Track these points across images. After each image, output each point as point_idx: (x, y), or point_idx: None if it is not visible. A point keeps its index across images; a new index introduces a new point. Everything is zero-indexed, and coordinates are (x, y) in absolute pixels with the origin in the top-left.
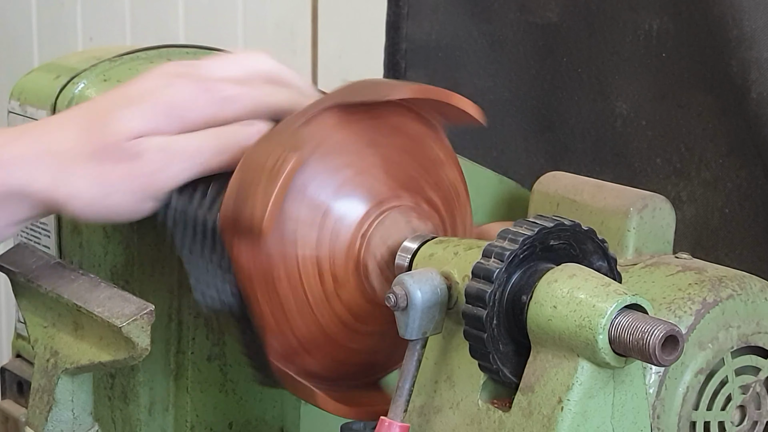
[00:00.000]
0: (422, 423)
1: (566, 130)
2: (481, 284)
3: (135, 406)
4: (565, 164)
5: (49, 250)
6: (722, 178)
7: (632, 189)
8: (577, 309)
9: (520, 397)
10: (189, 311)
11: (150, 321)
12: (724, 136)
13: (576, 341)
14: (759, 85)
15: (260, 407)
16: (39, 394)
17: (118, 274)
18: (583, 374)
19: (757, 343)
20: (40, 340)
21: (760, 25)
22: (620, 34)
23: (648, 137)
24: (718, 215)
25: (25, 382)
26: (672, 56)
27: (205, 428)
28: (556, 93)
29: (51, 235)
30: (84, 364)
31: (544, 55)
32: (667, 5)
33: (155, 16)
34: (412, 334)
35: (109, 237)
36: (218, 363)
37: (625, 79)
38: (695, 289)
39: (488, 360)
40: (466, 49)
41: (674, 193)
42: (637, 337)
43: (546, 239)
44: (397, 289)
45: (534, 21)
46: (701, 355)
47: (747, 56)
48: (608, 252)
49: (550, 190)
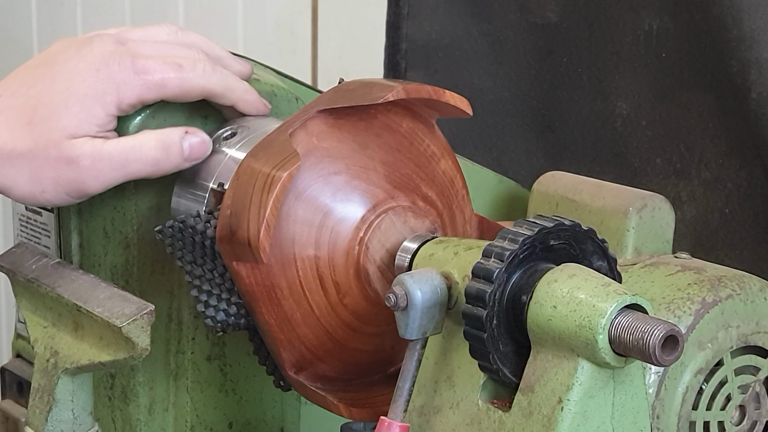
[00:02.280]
0: (422, 423)
1: (566, 130)
2: (481, 284)
3: (135, 406)
4: (565, 164)
5: (49, 250)
6: (722, 178)
7: (632, 189)
8: (577, 309)
9: (520, 397)
10: (189, 311)
11: (150, 321)
12: (724, 136)
13: (576, 341)
14: (759, 85)
15: (260, 407)
16: (39, 394)
17: (118, 274)
18: (583, 374)
19: (756, 342)
20: (40, 340)
21: (760, 25)
22: (620, 34)
23: (648, 137)
24: (718, 215)
25: (25, 382)
26: (672, 56)
27: (205, 428)
28: (556, 93)
29: (51, 235)
30: (84, 364)
31: (544, 55)
32: (667, 5)
33: (155, 16)
34: (412, 334)
35: (109, 237)
36: (218, 363)
37: (625, 79)
38: (695, 289)
39: (488, 360)
40: (466, 49)
41: (674, 193)
42: (637, 337)
43: (546, 239)
44: (397, 289)
45: (534, 21)
46: (701, 355)
47: (747, 56)
48: (608, 252)
49: (549, 190)
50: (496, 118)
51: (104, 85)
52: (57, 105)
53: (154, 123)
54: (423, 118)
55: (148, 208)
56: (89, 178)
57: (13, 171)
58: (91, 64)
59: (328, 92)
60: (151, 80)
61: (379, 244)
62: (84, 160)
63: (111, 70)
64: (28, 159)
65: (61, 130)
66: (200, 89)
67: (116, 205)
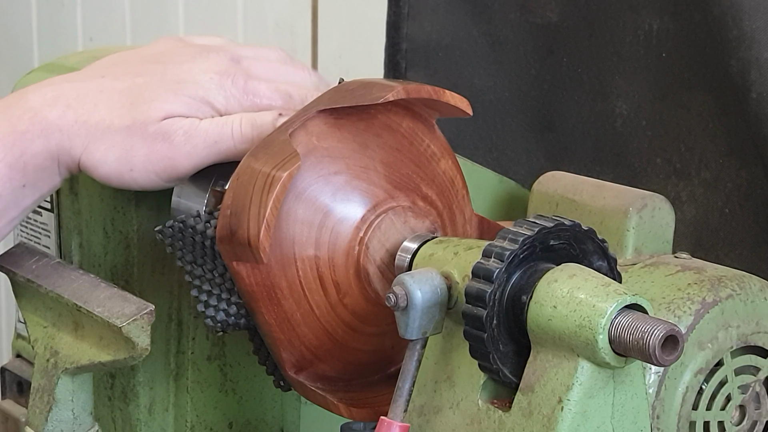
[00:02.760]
0: (422, 423)
1: (566, 130)
2: (481, 284)
3: (135, 406)
4: (565, 164)
5: (49, 250)
6: (722, 178)
7: (632, 189)
8: (577, 309)
9: (520, 397)
10: (189, 311)
11: (150, 321)
12: (724, 136)
13: (576, 341)
14: (759, 85)
15: (260, 407)
16: (39, 394)
17: (118, 274)
18: (583, 374)
19: (756, 342)
20: (40, 340)
21: (760, 25)
22: (620, 34)
23: (648, 137)
24: (718, 215)
25: (25, 382)
26: (672, 56)
27: (205, 428)
28: (556, 93)
29: (51, 235)
30: (84, 364)
31: (544, 55)
32: (667, 5)
33: (155, 16)
34: (412, 334)
35: (109, 237)
36: (218, 363)
37: (625, 79)
38: (695, 289)
39: (488, 360)
40: (466, 49)
41: (674, 193)
42: (637, 337)
43: (546, 239)
44: (397, 289)
45: (534, 21)
46: (701, 355)
47: (747, 56)
48: (608, 252)
49: (549, 189)
50: (496, 118)
51: (214, 92)
52: (165, 92)
53: None
54: (423, 118)
55: (148, 208)
56: (182, 155)
57: (104, 147)
58: (205, 72)
59: (328, 92)
60: (258, 104)
61: (379, 244)
62: (179, 136)
63: (224, 83)
64: (123, 135)
65: (161, 110)
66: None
67: (116, 205)
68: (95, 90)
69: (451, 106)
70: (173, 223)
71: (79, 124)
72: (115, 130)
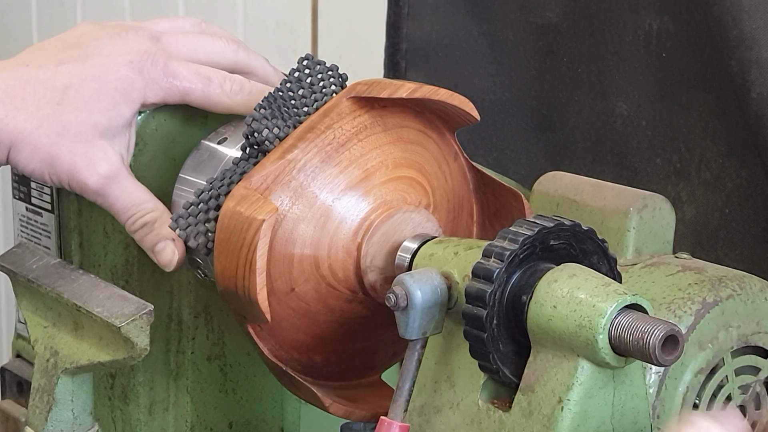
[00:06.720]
0: (422, 423)
1: (566, 130)
2: (481, 284)
3: (135, 406)
4: (565, 164)
5: (49, 250)
6: (722, 178)
7: (632, 189)
8: (577, 309)
9: (520, 397)
10: (189, 311)
11: (149, 321)
12: (724, 136)
13: (576, 341)
14: (759, 85)
15: (260, 407)
16: (39, 394)
17: (118, 274)
18: (583, 374)
19: (756, 343)
20: (40, 340)
21: (760, 25)
22: (620, 34)
23: (648, 137)
24: (718, 215)
25: (25, 382)
26: (672, 56)
27: (205, 428)
28: (556, 93)
29: (51, 235)
30: (84, 364)
31: (544, 55)
32: (667, 5)
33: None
34: (412, 334)
35: (109, 237)
36: (218, 363)
37: (625, 79)
38: (695, 289)
39: (488, 360)
40: (466, 49)
41: (674, 193)
42: (637, 337)
43: (546, 239)
44: (397, 289)
45: (534, 21)
46: (701, 355)
47: (747, 56)
48: (608, 252)
49: (550, 190)
50: (496, 118)
51: (133, 81)
52: (89, 94)
53: (154, 123)
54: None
55: None
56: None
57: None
58: (125, 55)
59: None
60: (178, 86)
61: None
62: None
63: (143, 66)
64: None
65: (92, 127)
66: (223, 107)
67: None
68: (22, 81)
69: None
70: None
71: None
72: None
